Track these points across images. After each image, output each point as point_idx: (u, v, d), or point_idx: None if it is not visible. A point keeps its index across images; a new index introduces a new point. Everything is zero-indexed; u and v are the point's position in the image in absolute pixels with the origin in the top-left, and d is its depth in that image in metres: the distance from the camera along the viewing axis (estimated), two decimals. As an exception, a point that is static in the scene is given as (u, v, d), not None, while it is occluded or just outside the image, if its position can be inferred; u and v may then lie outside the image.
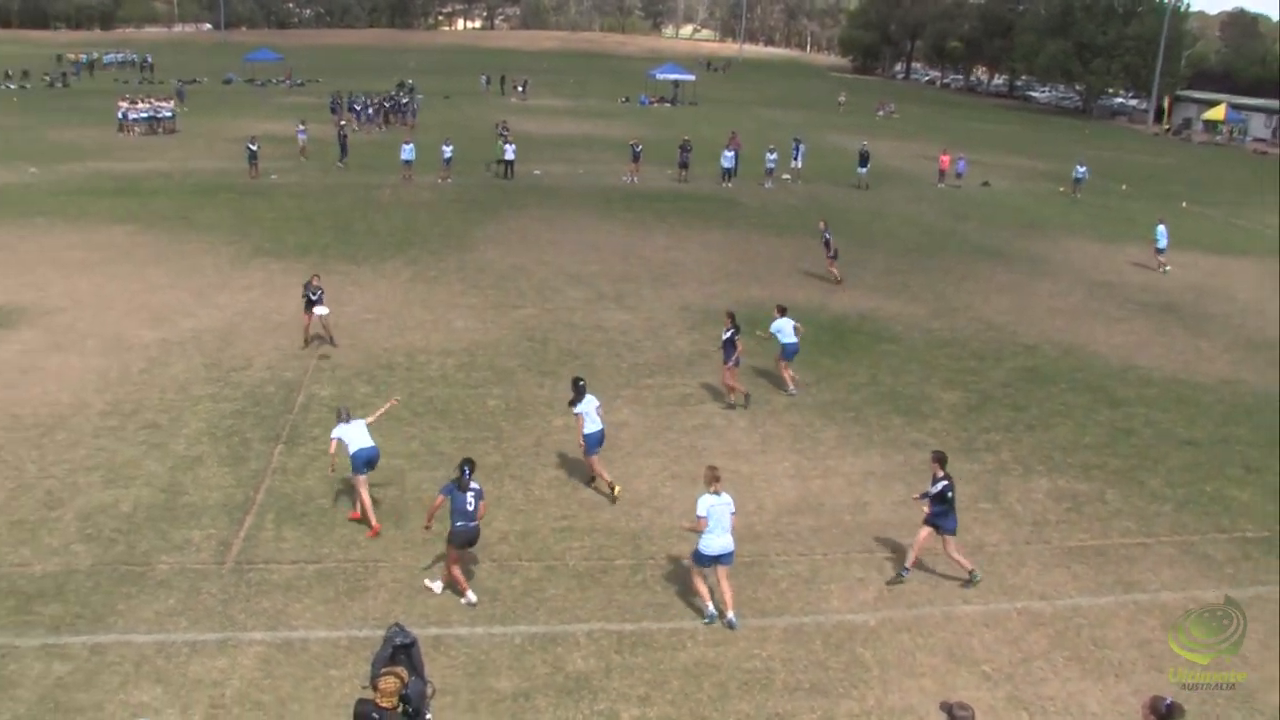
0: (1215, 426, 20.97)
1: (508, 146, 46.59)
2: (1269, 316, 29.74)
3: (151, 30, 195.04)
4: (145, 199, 38.43)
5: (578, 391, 16.39)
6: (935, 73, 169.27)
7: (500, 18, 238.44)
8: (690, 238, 35.81)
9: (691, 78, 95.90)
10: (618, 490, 16.41)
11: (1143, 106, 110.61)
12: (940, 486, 13.94)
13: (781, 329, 21.04)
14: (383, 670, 9.22)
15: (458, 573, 13.28)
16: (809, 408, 20.69)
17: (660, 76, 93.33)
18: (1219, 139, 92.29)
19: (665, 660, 12.37)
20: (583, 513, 15.97)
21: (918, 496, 14.71)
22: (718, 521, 12.88)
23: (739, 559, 13.56)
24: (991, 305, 29.28)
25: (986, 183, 52.20)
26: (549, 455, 17.87)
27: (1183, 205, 49.47)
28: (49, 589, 13.19)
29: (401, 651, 10.05)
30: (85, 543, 14.35)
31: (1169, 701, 8.71)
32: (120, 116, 57.63)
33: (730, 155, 47.29)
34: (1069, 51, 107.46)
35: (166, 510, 15.35)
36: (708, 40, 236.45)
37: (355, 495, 15.19)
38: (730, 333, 19.94)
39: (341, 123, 55.10)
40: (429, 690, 9.96)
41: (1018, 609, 13.87)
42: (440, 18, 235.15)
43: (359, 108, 65.44)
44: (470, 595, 13.24)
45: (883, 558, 15.05)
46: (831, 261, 30.52)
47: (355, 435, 15.06)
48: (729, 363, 20.14)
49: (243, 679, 11.62)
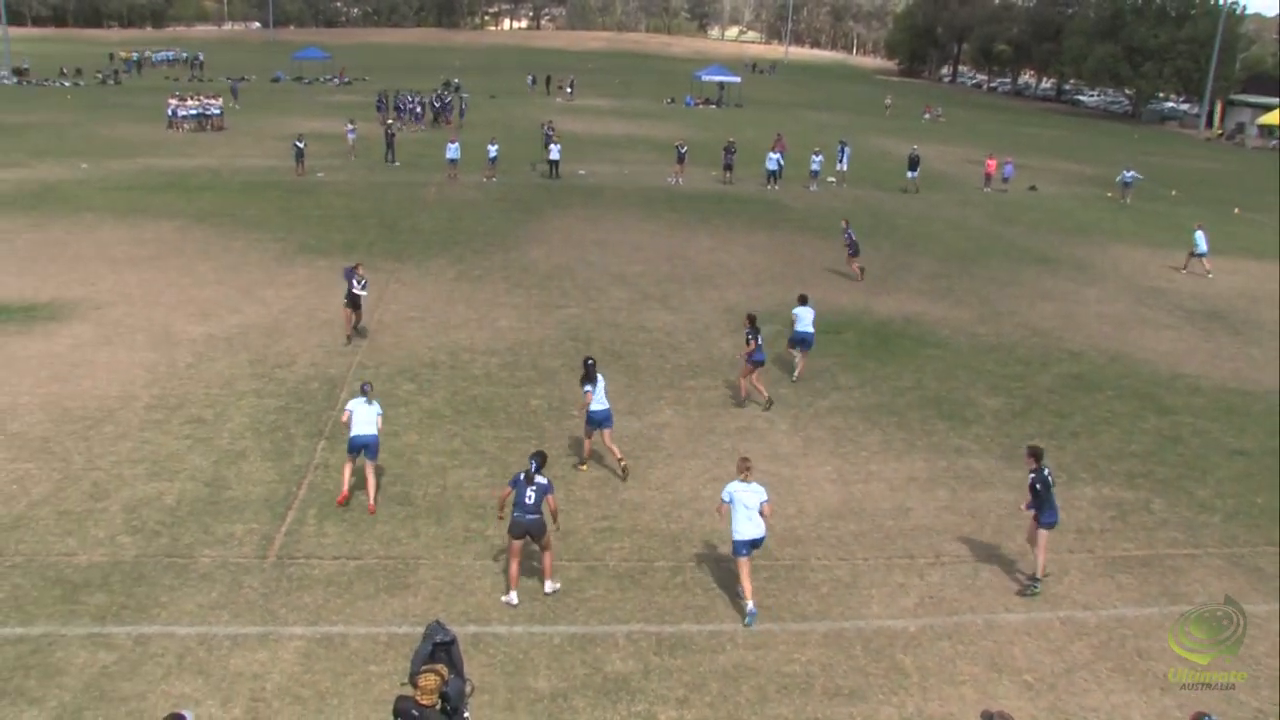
0: (1266, 437, 20.57)
1: (553, 146, 46.77)
2: (1323, 326, 29.12)
3: (201, 28, 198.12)
4: (193, 195, 38.89)
5: (588, 371, 16.82)
6: (982, 76, 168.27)
7: (546, 18, 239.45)
8: (734, 240, 35.72)
9: (737, 80, 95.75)
10: (624, 464, 17.10)
11: (1194, 111, 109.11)
12: (1030, 479, 13.95)
13: (799, 315, 21.67)
14: (423, 667, 9.25)
15: (514, 568, 13.27)
16: (852, 411, 20.57)
17: (706, 78, 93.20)
18: (1273, 144, 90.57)
19: (704, 663, 12.31)
20: (624, 514, 15.95)
21: (1024, 507, 14.43)
22: (743, 506, 12.96)
23: (779, 562, 13.46)
24: (1037, 311, 28.95)
25: (1033, 187, 51.68)
26: (592, 456, 17.88)
27: (1235, 211, 48.73)
28: (94, 579, 13.36)
29: (441, 649, 10.10)
30: (130, 534, 14.53)
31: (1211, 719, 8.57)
32: (170, 113, 58.59)
33: (775, 158, 47.07)
34: (1118, 55, 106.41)
35: (210, 504, 15.51)
36: (753, 42, 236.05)
37: (373, 483, 15.62)
38: (749, 334, 20.03)
39: (389, 121, 55.46)
40: (468, 688, 10.00)
41: (1061, 618, 13.68)
42: (486, 17, 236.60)
43: (408, 106, 65.72)
44: (513, 595, 13.24)
45: (924, 563, 14.91)
46: (851, 259, 30.85)
47: (360, 417, 15.36)
48: (748, 363, 20.32)
49: (283, 673, 11.70)
